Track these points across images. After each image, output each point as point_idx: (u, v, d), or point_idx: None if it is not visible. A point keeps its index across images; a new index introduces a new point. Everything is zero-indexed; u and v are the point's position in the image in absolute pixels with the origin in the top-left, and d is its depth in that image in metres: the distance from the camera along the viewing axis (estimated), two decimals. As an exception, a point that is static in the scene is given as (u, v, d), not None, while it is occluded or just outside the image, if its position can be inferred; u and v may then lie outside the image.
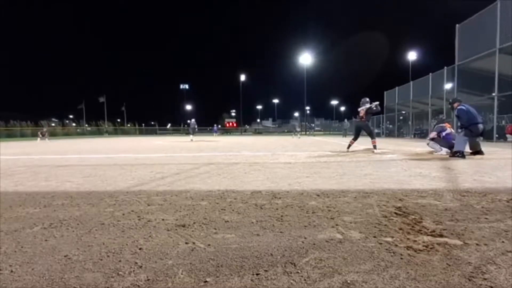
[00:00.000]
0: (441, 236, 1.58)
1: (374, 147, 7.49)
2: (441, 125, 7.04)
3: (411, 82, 22.21)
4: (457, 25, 15.27)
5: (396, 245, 1.47)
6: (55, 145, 13.65)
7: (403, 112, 24.79)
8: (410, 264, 1.26)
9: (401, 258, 1.32)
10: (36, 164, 5.55)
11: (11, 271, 1.27)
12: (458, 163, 4.95)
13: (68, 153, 8.34)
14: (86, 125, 42.77)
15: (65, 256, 1.41)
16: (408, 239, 1.55)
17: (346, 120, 30.60)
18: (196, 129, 21.87)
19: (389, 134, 26.23)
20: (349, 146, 8.10)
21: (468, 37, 14.51)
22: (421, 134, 20.86)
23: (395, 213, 2.02)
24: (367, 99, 7.59)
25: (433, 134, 7.06)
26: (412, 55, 35.82)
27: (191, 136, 19.66)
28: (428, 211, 2.06)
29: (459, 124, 6.29)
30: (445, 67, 16.92)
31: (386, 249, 1.42)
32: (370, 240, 1.54)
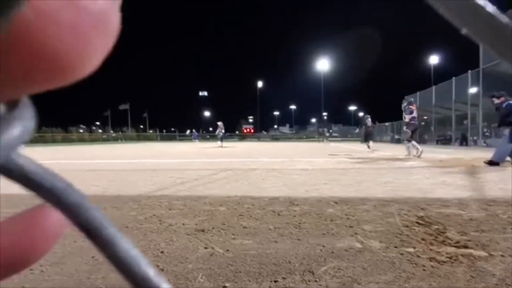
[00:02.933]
0: (465, 247, 1.52)
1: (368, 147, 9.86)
2: (409, 106, 7.58)
3: (433, 87, 21.46)
4: (482, 27, 14.66)
5: (419, 256, 1.43)
6: (83, 151, 14.32)
7: (425, 117, 23.94)
8: (433, 276, 1.23)
9: (424, 270, 1.29)
10: (65, 168, 5.85)
11: (42, 271, 1.35)
12: (484, 171, 4.71)
13: (95, 159, 8.73)
14: (112, 132, 44.61)
15: (92, 257, 1.49)
16: (431, 250, 1.50)
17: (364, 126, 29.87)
18: (222, 133, 17.53)
19: (410, 140, 25.36)
20: (369, 146, 10.07)
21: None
22: (445, 140, 20.02)
23: (417, 222, 1.96)
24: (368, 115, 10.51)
25: (409, 118, 7.53)
26: (433, 59, 34.67)
27: (220, 142, 17.17)
28: (452, 221, 1.98)
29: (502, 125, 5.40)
30: (469, 71, 16.23)
31: (408, 260, 1.39)
32: (391, 250, 1.51)
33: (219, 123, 17.26)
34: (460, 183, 3.54)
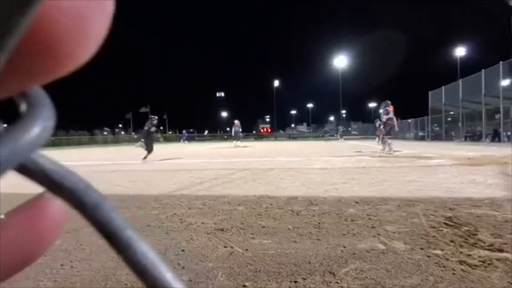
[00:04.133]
0: (500, 250, 1.43)
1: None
2: (386, 108, 8.01)
3: (460, 80, 20.35)
4: (513, 15, 13.72)
5: (447, 259, 1.36)
6: (106, 152, 14.96)
7: (451, 113, 22.77)
8: (465, 281, 1.16)
9: (454, 274, 1.22)
10: (91, 170, 6.14)
11: (71, 267, 1.42)
12: (520, 169, 4.40)
13: (117, 160, 9.09)
14: (133, 133, 46.30)
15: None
16: (461, 252, 1.42)
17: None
18: (240, 133, 17.34)
19: (436, 137, 24.19)
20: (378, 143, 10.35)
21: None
22: (474, 137, 18.92)
23: (445, 223, 1.86)
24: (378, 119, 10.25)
25: (386, 118, 8.01)
26: (460, 51, 32.92)
27: (235, 141, 16.57)
28: (485, 222, 1.86)
29: None
30: (501, 62, 15.23)
31: (436, 263, 1.32)
32: (417, 252, 1.44)
33: (236, 121, 16.96)
34: (492, 181, 3.33)
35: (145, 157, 7.46)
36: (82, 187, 0.11)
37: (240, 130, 17.26)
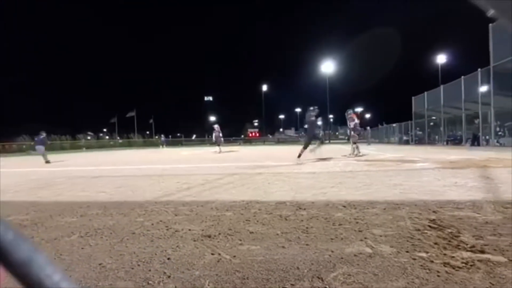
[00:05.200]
0: (482, 252, 1.47)
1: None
2: (350, 116, 8.82)
3: (441, 86, 21.12)
4: (490, 24, 14.41)
5: (432, 261, 1.38)
6: (91, 157, 14.53)
7: (434, 117, 23.54)
8: (448, 282, 1.18)
9: (438, 276, 1.24)
10: (75, 175, 5.93)
11: (52, 278, 1.35)
12: (497, 172, 4.58)
13: (102, 165, 8.83)
14: (118, 138, 45.10)
15: (99, 264, 1.48)
16: (445, 254, 1.45)
17: (369, 128, 29.66)
18: (221, 137, 16.40)
19: (419, 141, 24.93)
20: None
21: (504, 37, 13.60)
22: (455, 141, 19.62)
23: (429, 226, 1.90)
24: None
25: (353, 124, 8.76)
26: (441, 58, 34.20)
27: (218, 147, 15.70)
28: (467, 224, 1.92)
29: None
30: (479, 69, 15.93)
31: (421, 265, 1.34)
32: (403, 255, 1.46)
33: (215, 126, 16.18)
34: (473, 184, 3.45)
35: (314, 149, 7.05)
36: (7, 239, 0.09)
37: (221, 135, 16.41)
